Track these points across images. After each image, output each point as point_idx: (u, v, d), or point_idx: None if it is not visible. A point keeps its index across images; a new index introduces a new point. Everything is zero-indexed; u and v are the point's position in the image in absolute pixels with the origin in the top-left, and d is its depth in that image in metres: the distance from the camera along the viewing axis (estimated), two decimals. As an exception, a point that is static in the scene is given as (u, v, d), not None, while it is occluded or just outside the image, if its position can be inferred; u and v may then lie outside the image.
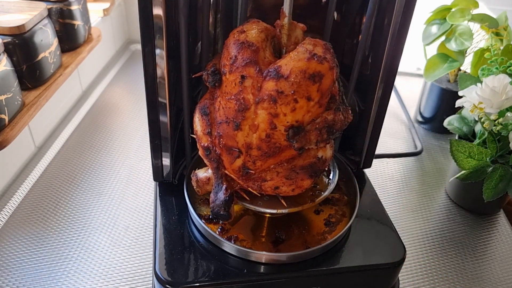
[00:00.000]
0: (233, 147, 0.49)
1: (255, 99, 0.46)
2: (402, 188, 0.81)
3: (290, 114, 0.45)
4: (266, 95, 0.45)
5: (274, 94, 0.45)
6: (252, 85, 0.45)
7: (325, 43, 0.46)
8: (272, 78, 0.44)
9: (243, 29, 0.47)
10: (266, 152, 0.48)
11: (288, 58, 0.44)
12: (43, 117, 0.84)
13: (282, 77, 0.44)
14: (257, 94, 0.46)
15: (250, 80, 0.45)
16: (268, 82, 0.45)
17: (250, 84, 0.45)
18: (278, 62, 0.45)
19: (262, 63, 0.45)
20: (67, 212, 0.71)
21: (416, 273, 0.66)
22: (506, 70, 0.70)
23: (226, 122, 0.48)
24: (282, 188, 0.51)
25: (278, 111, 0.45)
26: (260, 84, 0.45)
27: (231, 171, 0.51)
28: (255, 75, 0.45)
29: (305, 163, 0.50)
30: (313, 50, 0.45)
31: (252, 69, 0.45)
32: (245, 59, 0.45)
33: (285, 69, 0.44)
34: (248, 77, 0.45)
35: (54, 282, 0.60)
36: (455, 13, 0.82)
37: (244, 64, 0.45)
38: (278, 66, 0.44)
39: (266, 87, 0.45)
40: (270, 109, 0.45)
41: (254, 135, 0.47)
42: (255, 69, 0.45)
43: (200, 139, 0.52)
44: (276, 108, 0.45)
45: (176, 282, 0.50)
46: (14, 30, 0.72)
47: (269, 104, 0.45)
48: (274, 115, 0.46)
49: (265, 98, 0.45)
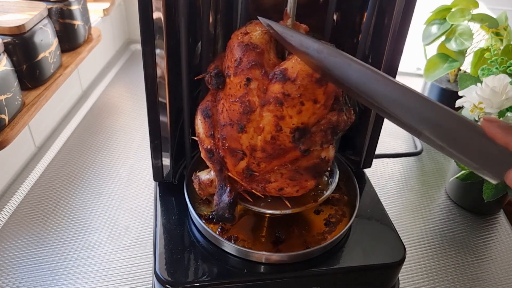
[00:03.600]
0: (237, 149, 0.49)
1: (260, 102, 0.46)
2: (402, 188, 0.81)
3: (296, 116, 0.45)
4: (272, 97, 0.45)
5: (280, 96, 0.44)
6: (257, 87, 0.45)
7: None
8: (279, 81, 0.44)
9: (246, 31, 0.47)
10: (271, 154, 0.48)
11: (294, 61, 0.44)
12: (43, 117, 0.84)
13: (289, 80, 0.44)
14: (262, 97, 0.45)
15: (255, 82, 0.45)
16: (274, 84, 0.45)
17: (256, 86, 0.45)
18: (284, 65, 0.45)
19: (267, 65, 0.45)
20: (67, 212, 0.71)
21: (416, 273, 0.66)
22: (506, 70, 0.70)
23: (230, 124, 0.48)
24: (286, 190, 0.51)
25: (284, 114, 0.45)
26: (266, 86, 0.45)
27: (235, 173, 0.51)
28: (260, 77, 0.45)
29: (309, 164, 0.50)
30: None
31: (257, 71, 0.45)
32: (250, 62, 0.45)
33: (291, 71, 0.44)
34: (253, 79, 0.45)
35: (54, 282, 0.60)
36: (455, 13, 0.82)
37: (249, 66, 0.45)
38: (284, 69, 0.44)
39: (272, 89, 0.45)
40: (276, 111, 0.45)
41: (259, 137, 0.47)
42: (260, 72, 0.45)
43: (202, 141, 0.52)
44: (282, 110, 0.45)
45: (176, 282, 0.50)
46: (14, 30, 0.72)
47: (275, 106, 0.45)
48: (280, 117, 0.45)
49: (271, 101, 0.45)
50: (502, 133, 0.34)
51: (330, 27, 0.57)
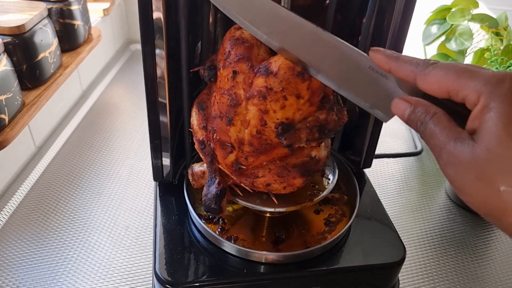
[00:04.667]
0: (226, 142, 0.49)
1: (246, 95, 0.46)
2: (402, 188, 0.81)
3: (280, 111, 0.45)
4: (256, 91, 0.45)
5: (263, 90, 0.44)
6: (243, 80, 0.45)
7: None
8: (262, 75, 0.44)
9: (239, 26, 0.47)
10: (258, 148, 0.48)
11: (278, 55, 0.45)
12: (43, 117, 0.84)
13: (271, 74, 0.44)
14: (248, 90, 0.46)
15: (241, 75, 0.45)
16: (258, 78, 0.45)
17: (242, 79, 0.45)
18: (270, 59, 0.45)
19: (255, 59, 0.45)
20: (67, 212, 0.71)
21: (416, 273, 0.66)
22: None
23: (220, 116, 0.48)
24: (274, 186, 0.51)
25: (268, 108, 0.45)
26: (251, 80, 0.45)
27: (225, 166, 0.51)
28: (247, 71, 0.45)
29: (298, 161, 0.50)
30: None
31: (244, 65, 0.45)
32: (238, 55, 0.45)
33: (274, 66, 0.44)
34: (240, 72, 0.45)
35: (54, 282, 0.60)
36: (455, 13, 0.82)
37: (236, 59, 0.45)
38: (268, 63, 0.44)
39: (257, 83, 0.45)
40: (260, 105, 0.45)
41: (246, 130, 0.48)
42: (247, 65, 0.45)
43: (196, 133, 0.52)
44: (266, 104, 0.45)
45: (176, 282, 0.50)
46: (14, 30, 0.72)
47: (259, 100, 0.45)
48: (264, 111, 0.46)
49: (255, 94, 0.45)
50: (385, 59, 0.34)
51: (330, 27, 0.57)
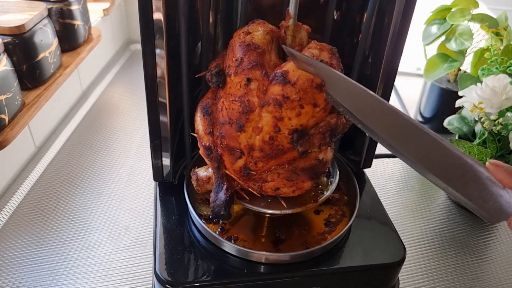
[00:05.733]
0: (235, 148, 0.49)
1: (260, 102, 0.46)
2: (402, 188, 0.81)
3: (295, 119, 0.46)
4: (271, 99, 0.45)
5: (280, 98, 0.45)
6: (257, 88, 0.45)
7: (331, 48, 0.46)
8: (279, 83, 0.44)
9: (248, 30, 0.47)
10: (269, 154, 0.48)
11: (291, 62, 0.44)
12: (43, 117, 0.84)
13: (289, 83, 0.44)
14: (262, 97, 0.46)
15: (255, 83, 0.45)
16: (274, 86, 0.45)
17: (256, 87, 0.45)
18: (284, 66, 0.45)
19: (268, 66, 0.45)
20: (67, 212, 0.71)
21: (416, 273, 0.66)
22: (506, 70, 0.70)
23: (229, 123, 0.48)
24: (283, 189, 0.51)
25: (283, 115, 0.45)
26: (265, 87, 0.45)
27: (232, 171, 0.51)
28: (261, 78, 0.45)
29: (306, 165, 0.50)
30: (320, 56, 0.45)
31: (258, 72, 0.45)
32: (251, 62, 0.45)
33: (292, 75, 0.44)
34: (254, 80, 0.45)
35: (54, 282, 0.60)
36: (455, 13, 0.82)
37: (250, 66, 0.45)
38: (285, 71, 0.44)
39: (272, 91, 0.45)
40: (275, 112, 0.45)
41: (257, 137, 0.47)
42: (261, 72, 0.45)
43: (201, 138, 0.52)
44: (281, 112, 0.45)
45: (176, 282, 0.50)
46: (14, 30, 0.72)
47: (274, 107, 0.45)
48: (279, 118, 0.46)
49: (270, 102, 0.45)
50: (509, 178, 0.34)
51: (330, 27, 0.57)
